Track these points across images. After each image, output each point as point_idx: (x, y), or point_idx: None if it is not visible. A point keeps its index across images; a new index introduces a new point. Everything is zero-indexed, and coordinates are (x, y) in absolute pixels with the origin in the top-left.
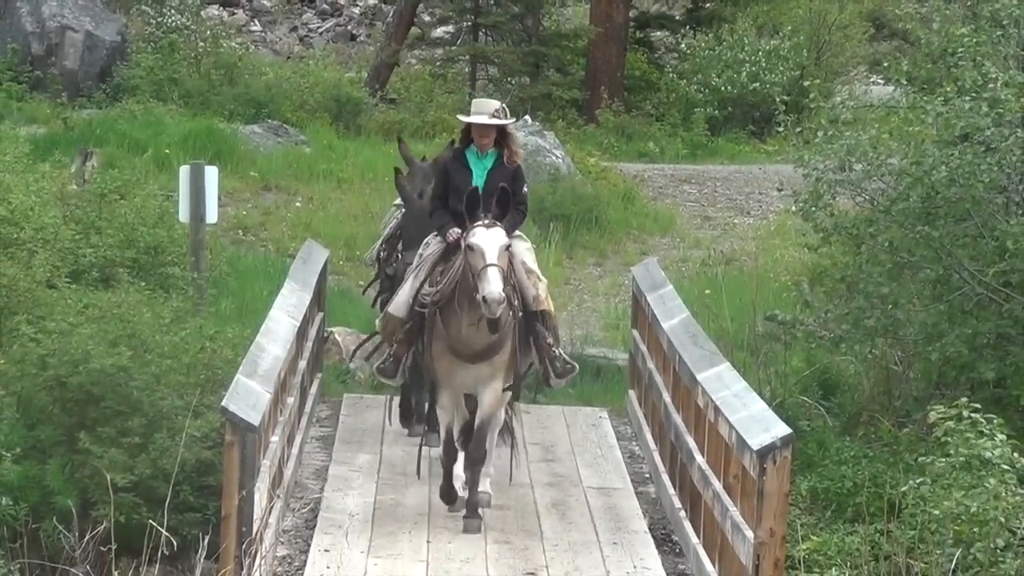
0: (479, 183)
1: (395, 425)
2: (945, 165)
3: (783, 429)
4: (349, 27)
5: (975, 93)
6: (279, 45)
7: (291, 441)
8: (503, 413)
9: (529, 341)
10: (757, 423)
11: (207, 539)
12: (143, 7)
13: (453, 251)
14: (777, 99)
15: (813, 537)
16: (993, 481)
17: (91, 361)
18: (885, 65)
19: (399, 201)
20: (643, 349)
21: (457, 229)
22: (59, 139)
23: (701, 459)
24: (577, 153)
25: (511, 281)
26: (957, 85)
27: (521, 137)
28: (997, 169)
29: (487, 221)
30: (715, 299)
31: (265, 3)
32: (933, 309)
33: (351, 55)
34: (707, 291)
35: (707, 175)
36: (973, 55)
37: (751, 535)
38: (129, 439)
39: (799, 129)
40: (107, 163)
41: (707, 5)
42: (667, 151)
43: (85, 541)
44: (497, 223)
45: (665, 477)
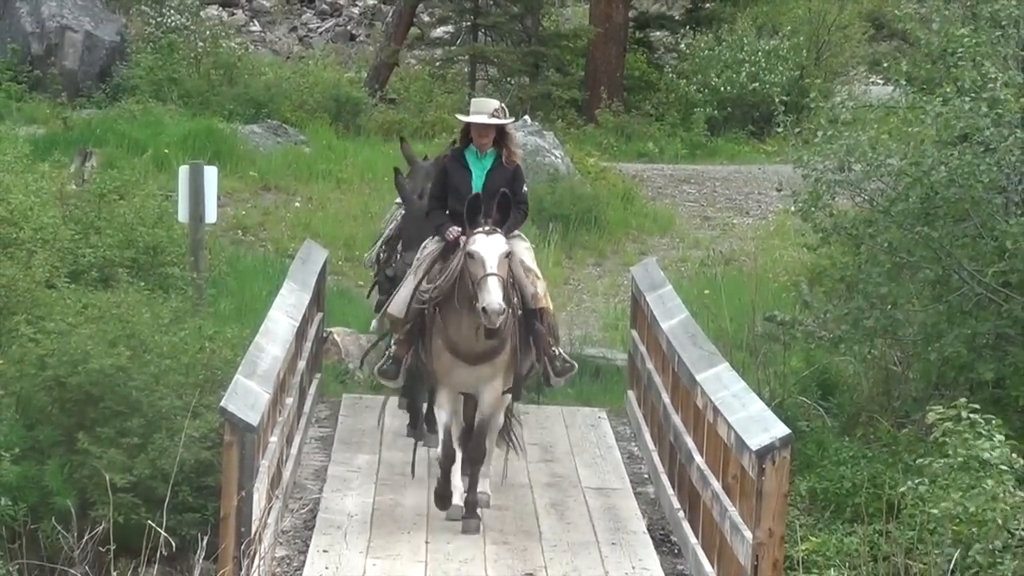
0: (478, 183)
1: (391, 426)
2: (944, 165)
3: (782, 429)
4: (348, 27)
5: (974, 93)
6: (278, 45)
7: (290, 441)
8: (503, 416)
9: (529, 340)
10: (756, 423)
11: (206, 539)
12: (142, 7)
13: (452, 250)
14: (776, 99)
15: (812, 538)
16: (991, 482)
17: (90, 361)
18: (884, 65)
19: (399, 200)
20: (642, 349)
21: (456, 227)
22: (58, 139)
23: (700, 459)
24: (576, 153)
25: (510, 280)
26: (956, 85)
27: (520, 137)
28: (996, 169)
29: (487, 228)
30: (714, 299)
31: (264, 3)
32: (932, 309)
33: (350, 55)
34: (706, 291)
35: (706, 175)
36: (972, 55)
37: (750, 535)
38: (128, 439)
39: (798, 129)
40: (106, 163)
41: (707, 5)
42: (666, 151)
43: (84, 541)
44: (497, 230)
45: (664, 477)
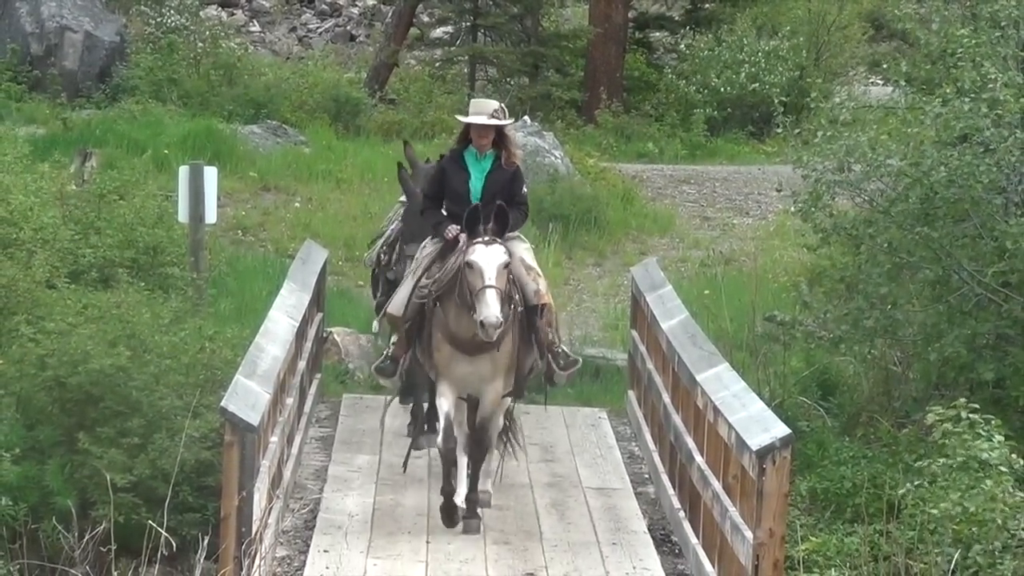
0: (477, 185)
1: (392, 427)
2: (944, 166)
3: (782, 430)
4: (348, 27)
5: (974, 94)
6: (278, 45)
7: (290, 441)
8: (502, 419)
9: (531, 338)
10: (756, 423)
11: (206, 540)
12: (142, 7)
13: (451, 248)
14: (776, 100)
15: (812, 538)
16: (990, 483)
17: (90, 361)
18: (884, 66)
19: (404, 198)
20: (642, 349)
21: (455, 226)
22: (58, 139)
23: (700, 459)
24: (576, 153)
25: (511, 278)
26: (956, 86)
27: (520, 137)
28: (996, 170)
29: (487, 238)
30: (714, 299)
31: (264, 4)
32: (932, 310)
33: (350, 55)
34: (706, 291)
35: (706, 175)
36: (972, 56)
37: (750, 535)
38: (128, 439)
39: (798, 130)
40: (106, 163)
41: (706, 6)
42: (666, 152)
43: (84, 541)
44: (497, 240)
45: (664, 478)
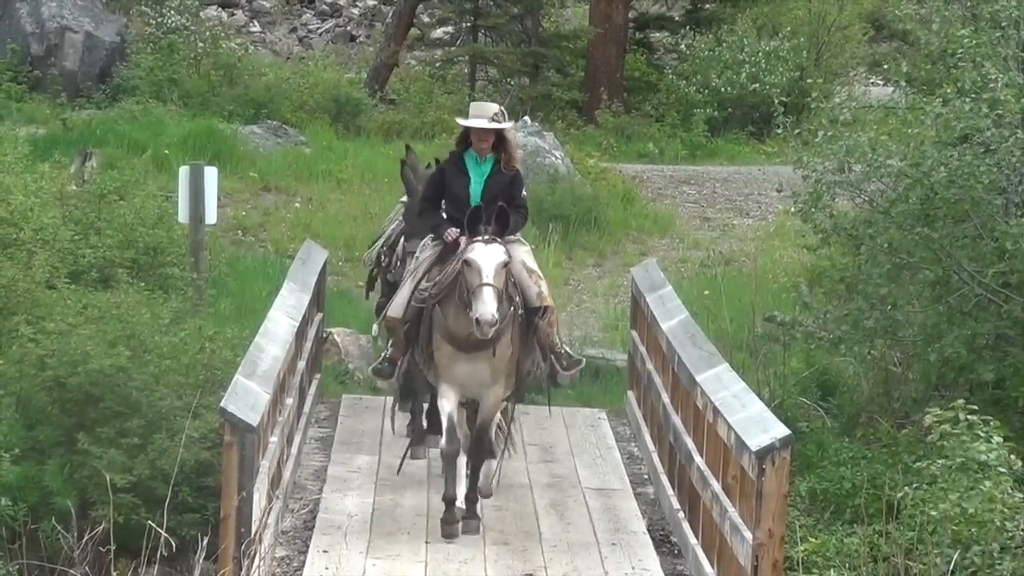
0: (476, 189)
1: (395, 428)
2: (944, 166)
3: (782, 430)
4: (348, 28)
5: (975, 94)
6: (279, 46)
7: (290, 442)
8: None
9: (532, 341)
10: (756, 424)
11: (206, 540)
12: (143, 8)
13: (451, 251)
14: (776, 100)
15: (812, 538)
16: (989, 484)
17: (90, 362)
18: (884, 66)
19: (406, 198)
20: (642, 350)
21: (455, 229)
22: (58, 140)
23: (700, 460)
24: (576, 154)
25: (511, 279)
26: (957, 86)
27: (520, 138)
28: (996, 170)
29: (487, 237)
30: (714, 300)
31: (264, 4)
32: (932, 310)
33: (350, 56)
34: (706, 292)
35: (706, 176)
36: (973, 56)
37: (750, 536)
38: (128, 440)
39: (798, 130)
40: (106, 164)
41: (707, 6)
42: (666, 152)
43: (84, 542)
44: (496, 239)
45: (664, 478)
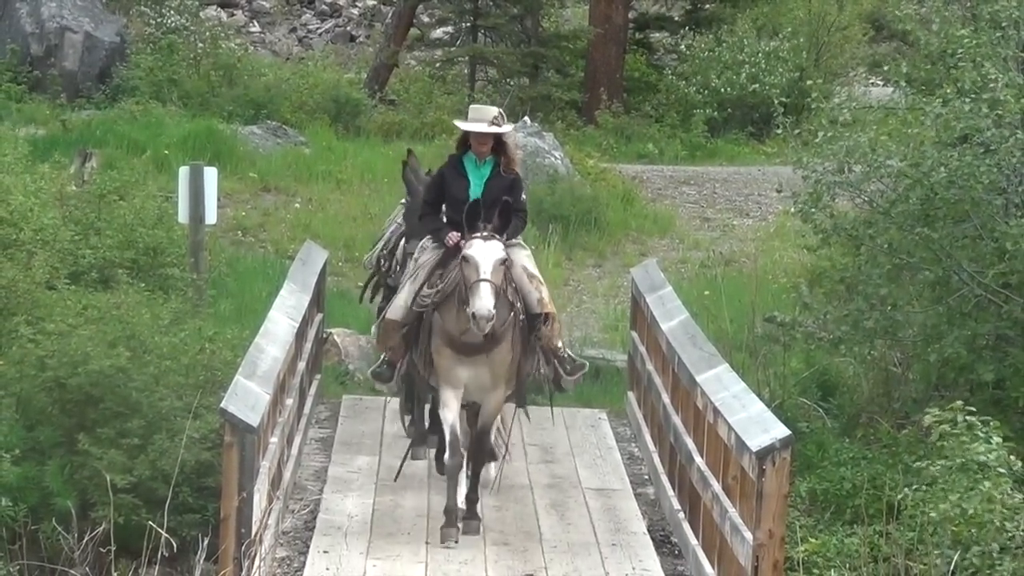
0: (476, 192)
1: (391, 428)
2: (944, 167)
3: (782, 430)
4: (348, 28)
5: (975, 95)
6: (278, 46)
7: (290, 442)
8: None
9: (535, 346)
10: (756, 424)
11: (206, 540)
12: (142, 8)
13: (452, 255)
14: (776, 101)
15: (812, 539)
16: (988, 484)
17: (90, 362)
18: (884, 67)
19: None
20: (642, 350)
21: (456, 233)
22: (58, 140)
23: (700, 460)
24: (576, 154)
25: (511, 284)
26: (957, 87)
27: (520, 138)
28: (996, 171)
29: (485, 233)
30: (714, 300)
31: (264, 4)
32: (932, 311)
33: (350, 56)
34: (706, 292)
35: (706, 176)
36: (973, 56)
37: (750, 536)
38: (128, 440)
39: (798, 131)
40: (106, 164)
41: (706, 6)
42: (666, 152)
43: (84, 542)
44: (495, 236)
45: (664, 478)
